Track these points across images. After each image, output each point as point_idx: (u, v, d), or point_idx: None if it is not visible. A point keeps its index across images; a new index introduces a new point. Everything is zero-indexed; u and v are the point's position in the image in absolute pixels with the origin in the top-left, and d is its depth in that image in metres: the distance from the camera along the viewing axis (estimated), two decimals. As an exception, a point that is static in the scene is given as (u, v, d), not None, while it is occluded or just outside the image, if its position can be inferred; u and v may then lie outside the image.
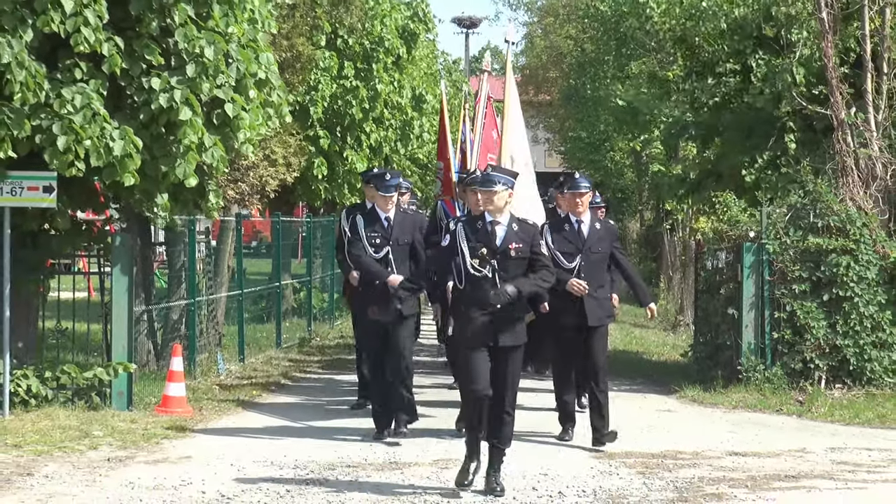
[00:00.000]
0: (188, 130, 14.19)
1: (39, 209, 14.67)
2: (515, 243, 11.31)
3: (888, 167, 18.74)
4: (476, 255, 11.20)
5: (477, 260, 11.21)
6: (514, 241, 11.30)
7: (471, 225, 11.52)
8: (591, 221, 14.04)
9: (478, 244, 11.25)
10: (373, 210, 14.16)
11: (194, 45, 14.21)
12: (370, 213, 14.14)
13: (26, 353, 15.22)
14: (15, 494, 10.89)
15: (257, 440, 13.90)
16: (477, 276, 11.23)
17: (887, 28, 19.37)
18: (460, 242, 11.35)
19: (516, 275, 11.30)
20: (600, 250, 13.92)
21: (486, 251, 11.16)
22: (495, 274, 11.17)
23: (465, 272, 11.33)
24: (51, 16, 13.41)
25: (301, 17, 22.77)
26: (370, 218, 14.09)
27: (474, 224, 11.50)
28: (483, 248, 11.18)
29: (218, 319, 21.69)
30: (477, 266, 11.22)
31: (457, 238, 11.39)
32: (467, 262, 11.27)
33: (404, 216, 14.33)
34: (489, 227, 11.37)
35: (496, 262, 11.19)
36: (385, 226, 14.01)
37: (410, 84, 32.54)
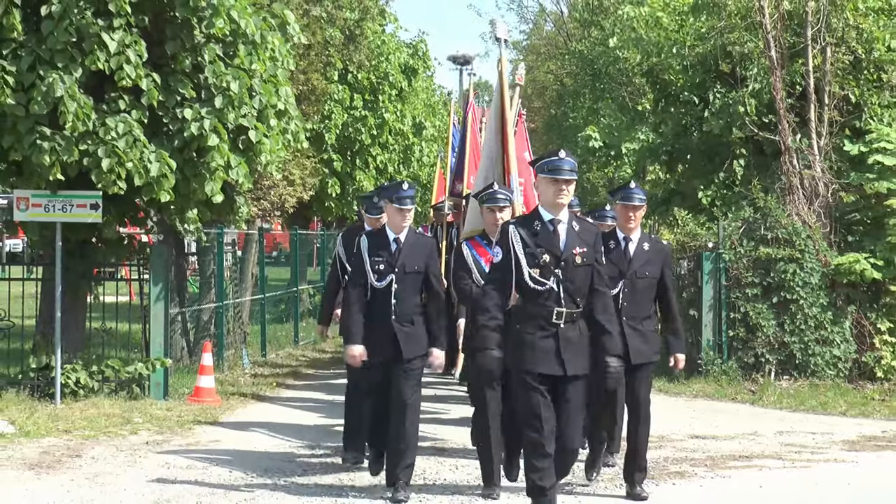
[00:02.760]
0: (215, 154, 14.23)
1: (87, 224, 14.66)
2: (579, 247, 8.47)
3: (829, 186, 18.78)
4: (537, 263, 8.37)
5: (537, 270, 8.37)
6: (577, 244, 8.46)
7: (526, 226, 8.53)
8: (640, 241, 10.44)
9: (538, 250, 8.40)
10: (382, 231, 10.37)
11: (222, 80, 14.25)
12: (378, 234, 10.37)
13: (75, 349, 15.21)
14: (65, 473, 10.90)
15: (278, 426, 13.87)
16: (537, 290, 8.39)
17: (828, 65, 19.41)
18: (514, 247, 8.45)
19: (583, 288, 8.51)
20: (647, 275, 10.35)
21: (548, 258, 8.37)
22: (560, 286, 8.35)
23: (523, 285, 8.46)
24: (97, 55, 13.49)
25: (316, 56, 22.77)
26: (377, 239, 10.27)
27: (531, 225, 8.52)
28: (545, 255, 8.38)
29: (243, 320, 21.68)
30: (537, 277, 8.38)
31: (510, 243, 8.47)
32: (524, 272, 8.38)
33: (417, 239, 10.40)
34: (550, 228, 8.45)
35: (560, 271, 8.40)
36: (392, 249, 10.13)
37: (412, 113, 32.62)
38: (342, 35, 24.85)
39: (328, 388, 17.22)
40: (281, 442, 12.76)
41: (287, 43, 15.89)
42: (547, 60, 45.90)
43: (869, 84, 19.71)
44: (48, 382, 14.60)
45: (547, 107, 45.51)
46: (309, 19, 21.47)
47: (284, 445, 12.55)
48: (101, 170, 13.54)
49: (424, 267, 10.21)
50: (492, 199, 10.47)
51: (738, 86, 20.03)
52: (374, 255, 10.16)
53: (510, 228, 8.51)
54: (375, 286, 10.12)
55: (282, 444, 12.66)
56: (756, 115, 19.65)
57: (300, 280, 26.65)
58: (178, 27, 14.27)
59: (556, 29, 45.71)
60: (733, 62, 20.36)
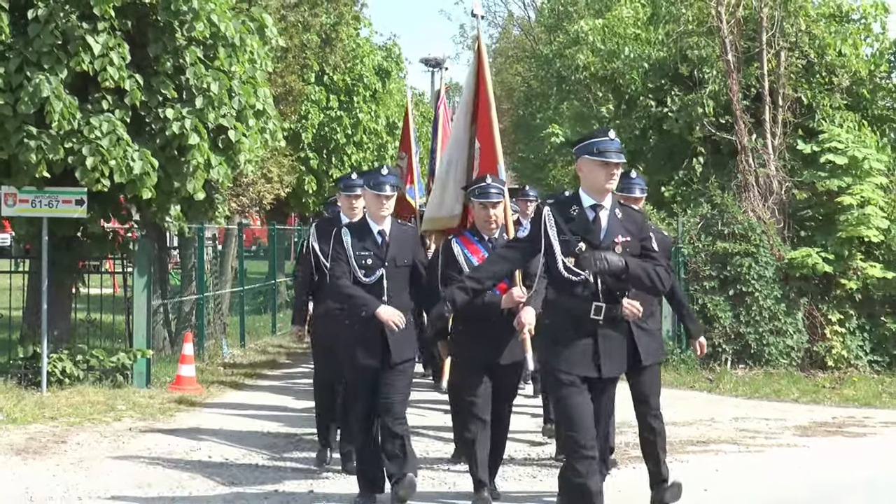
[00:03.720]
0: (196, 153, 14.19)
1: (72, 219, 14.61)
2: (622, 236, 7.34)
3: (783, 184, 18.87)
4: (571, 251, 7.27)
5: (572, 259, 7.26)
6: (620, 232, 7.32)
7: (562, 210, 7.40)
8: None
9: (573, 237, 7.27)
10: (363, 223, 9.18)
11: (202, 82, 14.22)
12: (359, 227, 9.17)
13: (61, 339, 15.16)
14: (51, 458, 10.87)
15: (256, 413, 13.87)
16: (571, 282, 7.29)
17: (782, 68, 19.51)
18: (548, 232, 7.33)
19: (626, 282, 7.46)
20: None
21: (584, 247, 7.25)
22: (598, 279, 7.28)
23: (556, 276, 7.38)
24: (82, 57, 13.45)
25: (293, 58, 22.74)
26: (359, 232, 9.08)
27: (567, 209, 7.39)
28: (581, 243, 7.26)
29: (223, 311, 21.64)
30: (572, 267, 7.26)
31: (544, 227, 7.35)
32: (558, 260, 7.28)
33: (402, 230, 9.39)
34: (591, 214, 7.34)
35: None
36: (379, 242, 9.01)
37: (385, 113, 32.60)
38: (318, 39, 24.79)
39: (306, 375, 17.19)
40: (259, 428, 12.74)
41: (265, 46, 15.87)
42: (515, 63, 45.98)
43: (821, 87, 19.82)
44: (35, 371, 14.54)
45: (515, 107, 45.54)
46: (286, 23, 21.43)
47: (263, 431, 12.54)
48: (85, 167, 13.49)
49: (412, 259, 9.14)
50: (484, 193, 9.03)
51: (697, 88, 20.10)
52: (360, 249, 8.94)
53: (545, 210, 7.37)
54: (363, 282, 8.88)
55: (260, 430, 12.64)
56: (714, 116, 19.73)
57: (278, 273, 26.60)
58: (160, 30, 14.23)
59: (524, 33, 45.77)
60: (692, 66, 20.41)
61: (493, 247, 8.92)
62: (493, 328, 8.84)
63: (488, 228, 9.06)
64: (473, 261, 8.90)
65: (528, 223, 7.60)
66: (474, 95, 10.44)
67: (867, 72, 19.95)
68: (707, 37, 20.41)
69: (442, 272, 9.08)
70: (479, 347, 8.89)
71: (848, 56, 19.80)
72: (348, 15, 26.39)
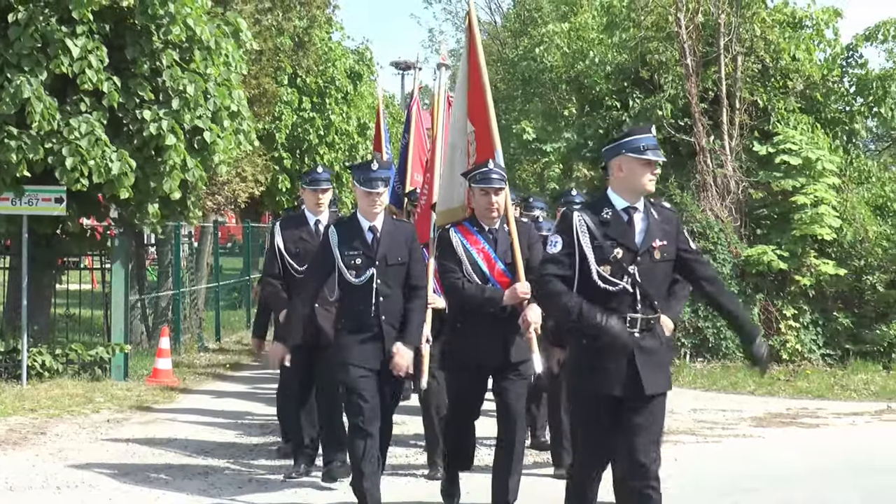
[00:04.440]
0: (173, 153, 14.17)
1: (52, 217, 14.57)
2: (659, 239, 6.46)
3: (739, 184, 18.95)
4: (607, 258, 6.33)
5: (608, 267, 6.33)
6: (657, 236, 6.45)
7: (594, 213, 6.45)
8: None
9: (608, 243, 6.34)
10: (353, 219, 8.36)
11: (179, 84, 14.20)
12: (349, 224, 8.34)
13: (41, 334, 15.11)
14: (31, 449, 10.83)
15: (230, 404, 13.85)
16: (608, 292, 6.34)
17: (739, 73, 19.60)
18: (580, 239, 6.36)
19: (662, 288, 6.67)
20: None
21: (621, 253, 6.34)
22: (636, 287, 6.36)
23: (590, 286, 6.38)
24: (61, 59, 13.44)
25: (267, 61, 22.68)
26: (348, 229, 8.26)
27: (599, 212, 6.45)
28: (617, 250, 6.34)
29: (199, 306, 21.61)
30: (608, 276, 6.34)
31: (575, 233, 6.38)
32: (592, 270, 6.33)
33: (396, 226, 8.45)
34: (624, 217, 6.45)
35: (636, 269, 6.40)
36: (369, 240, 8.18)
37: (357, 115, 32.55)
38: (292, 42, 24.75)
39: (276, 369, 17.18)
40: (234, 419, 12.73)
41: (240, 49, 15.83)
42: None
43: (776, 90, 19.91)
44: (15, 365, 14.48)
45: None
46: (260, 27, 21.38)
47: (237, 423, 12.53)
48: (65, 167, 13.47)
49: (407, 256, 8.25)
50: (486, 178, 8.09)
51: (656, 91, 20.16)
52: (348, 247, 8.11)
53: (574, 216, 6.42)
54: (352, 283, 8.09)
55: (235, 420, 12.63)
56: (673, 118, 19.78)
57: (252, 269, 26.53)
58: (137, 34, 14.20)
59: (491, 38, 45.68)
60: (652, 70, 20.47)
61: (494, 238, 8.07)
62: (493, 326, 7.91)
63: (489, 217, 8.10)
64: (473, 252, 8.02)
65: (556, 234, 6.50)
66: (467, 76, 9.50)
67: (820, 76, 20.07)
68: (667, 42, 20.48)
69: (438, 264, 8.34)
70: (476, 347, 7.95)
71: (802, 61, 19.91)
72: (321, 19, 26.35)
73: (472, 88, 9.36)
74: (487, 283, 7.95)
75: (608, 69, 21.38)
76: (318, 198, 9.75)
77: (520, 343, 7.97)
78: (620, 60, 21.32)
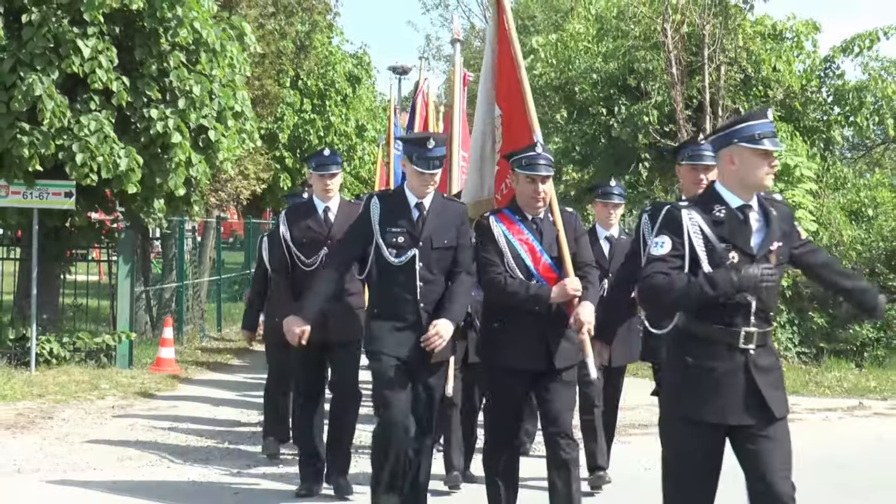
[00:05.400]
0: (178, 151, 14.17)
1: (61, 210, 14.55)
2: (777, 241, 5.34)
3: (721, 188, 18.97)
4: (721, 263, 5.15)
5: None
6: (775, 237, 5.37)
7: (705, 211, 5.27)
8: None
9: (722, 245, 5.18)
10: (399, 192, 7.24)
11: (185, 84, 14.19)
12: (394, 197, 7.24)
13: (49, 322, 15.10)
14: (38, 433, 10.82)
15: (230, 393, 13.85)
16: (721, 303, 5.15)
17: (722, 82, 19.61)
18: (692, 241, 5.19)
19: (776, 297, 5.62)
20: None
21: (736, 258, 5.21)
22: (752, 297, 5.23)
23: None
24: (73, 59, 13.42)
25: (270, 64, 22.67)
26: (392, 203, 7.11)
27: (710, 209, 5.27)
28: (733, 254, 5.21)
29: (201, 298, 21.59)
30: None
31: (686, 233, 5.20)
32: None
33: (446, 205, 7.22)
34: (740, 216, 5.34)
35: None
36: (414, 217, 7.04)
37: (355, 117, 32.57)
38: (294, 46, 24.76)
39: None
40: (234, 407, 12.73)
41: (244, 52, 15.83)
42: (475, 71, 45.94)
43: (757, 99, 19.92)
44: (24, 352, 14.46)
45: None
46: (264, 31, 21.37)
47: (237, 410, 12.53)
48: (74, 163, 13.46)
49: (455, 240, 7.08)
50: (532, 164, 6.85)
51: (643, 98, 20.17)
52: (390, 223, 6.97)
53: (684, 214, 5.22)
54: (391, 264, 6.95)
55: (235, 408, 12.64)
56: (658, 124, 19.78)
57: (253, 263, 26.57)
58: (146, 36, 14.18)
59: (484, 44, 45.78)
60: (639, 78, 20.48)
61: (538, 228, 6.87)
62: (535, 326, 6.69)
63: (533, 206, 6.87)
64: (515, 243, 6.78)
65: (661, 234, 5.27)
66: (495, 56, 8.25)
67: (799, 86, 20.08)
68: (653, 51, 20.49)
69: (478, 256, 6.96)
70: (517, 350, 6.69)
71: (782, 71, 19.92)
72: (322, 24, 26.38)
73: (502, 68, 8.12)
74: (532, 279, 6.74)
75: (596, 77, 21.38)
76: (326, 183, 8.54)
77: (565, 346, 6.77)
78: (609, 68, 21.32)
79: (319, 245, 8.31)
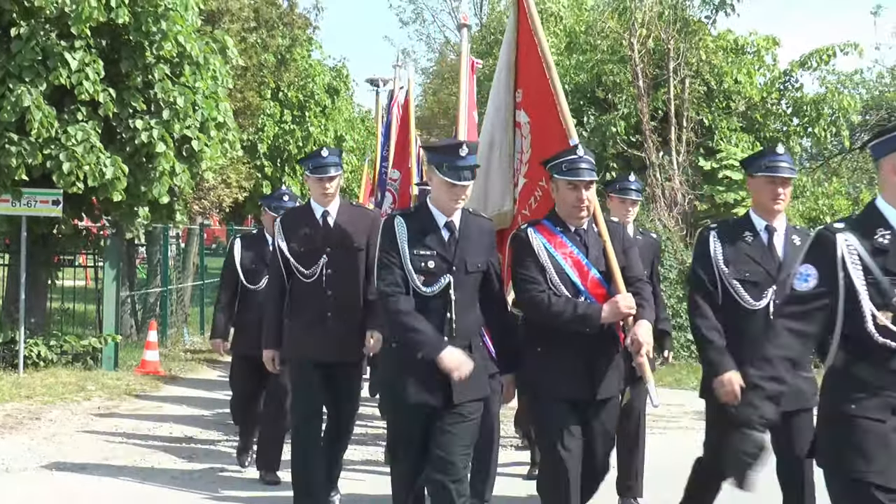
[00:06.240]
0: (163, 160, 14.12)
1: (49, 217, 14.49)
2: None
3: (686, 196, 19.07)
4: (888, 302, 4.13)
5: (890, 314, 4.07)
6: None
7: (865, 235, 4.17)
8: (788, 231, 6.10)
9: (886, 278, 4.11)
10: (423, 210, 5.93)
11: (169, 96, 14.14)
12: (419, 215, 5.92)
13: (37, 326, 15.03)
14: (26, 433, 10.77)
15: (213, 394, 13.81)
16: (888, 351, 4.09)
17: (686, 94, 19.70)
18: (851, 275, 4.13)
19: None
20: None
21: None
22: None
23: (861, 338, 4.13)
24: (60, 72, 13.35)
25: (251, 76, 22.64)
26: (418, 221, 5.86)
27: (870, 234, 4.16)
28: None
29: (185, 303, 21.53)
30: (892, 327, 4.07)
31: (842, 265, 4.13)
32: (867, 318, 4.09)
33: (476, 222, 5.99)
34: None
35: None
36: (445, 238, 5.83)
37: (334, 127, 32.52)
38: (274, 59, 24.74)
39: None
40: (217, 408, 12.68)
41: (226, 65, 15.79)
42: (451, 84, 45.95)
43: (719, 110, 20.05)
44: (13, 354, 14.39)
45: (450, 123, 45.55)
46: (246, 45, 21.33)
47: (219, 412, 12.46)
48: (62, 172, 13.39)
49: (486, 263, 5.94)
50: (574, 169, 5.92)
51: (611, 110, 20.24)
52: (419, 245, 5.73)
53: (839, 239, 4.11)
54: (422, 294, 5.70)
55: (217, 409, 12.58)
56: (625, 134, 19.88)
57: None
58: (131, 49, 14.13)
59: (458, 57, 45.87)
60: (606, 90, 20.56)
61: (583, 240, 5.93)
62: (580, 349, 5.77)
63: (576, 216, 5.92)
64: (559, 257, 5.81)
65: (807, 263, 4.22)
66: (515, 58, 7.39)
67: (760, 98, 20.22)
68: (620, 65, 20.58)
69: (515, 272, 5.90)
70: (563, 377, 5.77)
71: (743, 84, 20.05)
72: (302, 38, 26.37)
73: (526, 73, 7.24)
74: (578, 296, 5.78)
75: (566, 88, 21.45)
76: (324, 186, 7.49)
77: (611, 373, 5.90)
78: (578, 81, 21.39)
79: (318, 254, 7.33)
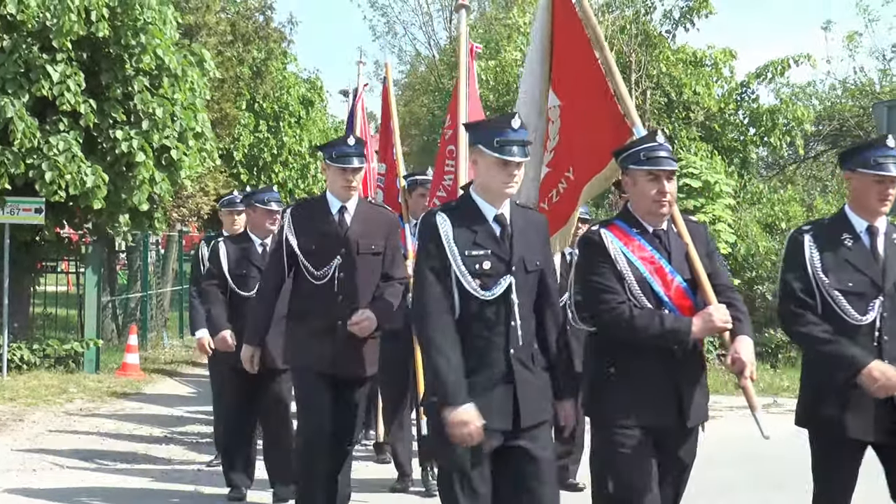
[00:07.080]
0: (142, 169, 14.11)
1: (31, 225, 14.41)
2: None
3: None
4: None
5: None
6: None
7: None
8: (889, 231, 5.00)
9: None
10: (468, 201, 4.71)
11: (149, 107, 14.11)
12: (463, 208, 4.69)
13: (20, 330, 14.95)
14: (10, 435, 10.72)
15: (192, 396, 13.79)
16: None
17: (647, 105, 19.80)
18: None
19: None
20: None
21: None
22: None
23: None
24: (42, 83, 13.33)
25: (228, 87, 22.60)
26: (464, 216, 4.64)
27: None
28: None
29: (164, 307, 21.46)
30: None
31: None
32: None
33: (525, 215, 4.81)
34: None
35: None
36: (497, 234, 4.63)
37: (308, 137, 32.50)
38: (250, 71, 24.70)
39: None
40: (197, 409, 12.65)
41: (204, 77, 15.77)
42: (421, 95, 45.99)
43: (679, 121, 20.16)
44: (-4, 358, 14.33)
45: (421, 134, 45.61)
46: (223, 58, 21.29)
47: (198, 413, 12.44)
48: (44, 180, 13.36)
49: (542, 259, 4.81)
50: (654, 158, 4.77)
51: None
52: (469, 244, 4.58)
53: None
54: (478, 299, 4.56)
55: (197, 410, 12.56)
56: (588, 144, 19.95)
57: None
58: (111, 61, 14.10)
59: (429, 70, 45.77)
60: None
61: (663, 243, 4.84)
62: (674, 369, 4.78)
63: (658, 213, 4.82)
64: (638, 263, 4.73)
65: None
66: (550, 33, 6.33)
67: (718, 109, 20.34)
68: (584, 76, 20.66)
69: (583, 278, 4.83)
70: (643, 403, 4.72)
71: (702, 95, 20.17)
72: (277, 51, 26.35)
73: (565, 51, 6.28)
74: (662, 308, 4.74)
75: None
76: (348, 178, 6.35)
77: (699, 397, 4.92)
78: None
79: (332, 254, 6.25)
